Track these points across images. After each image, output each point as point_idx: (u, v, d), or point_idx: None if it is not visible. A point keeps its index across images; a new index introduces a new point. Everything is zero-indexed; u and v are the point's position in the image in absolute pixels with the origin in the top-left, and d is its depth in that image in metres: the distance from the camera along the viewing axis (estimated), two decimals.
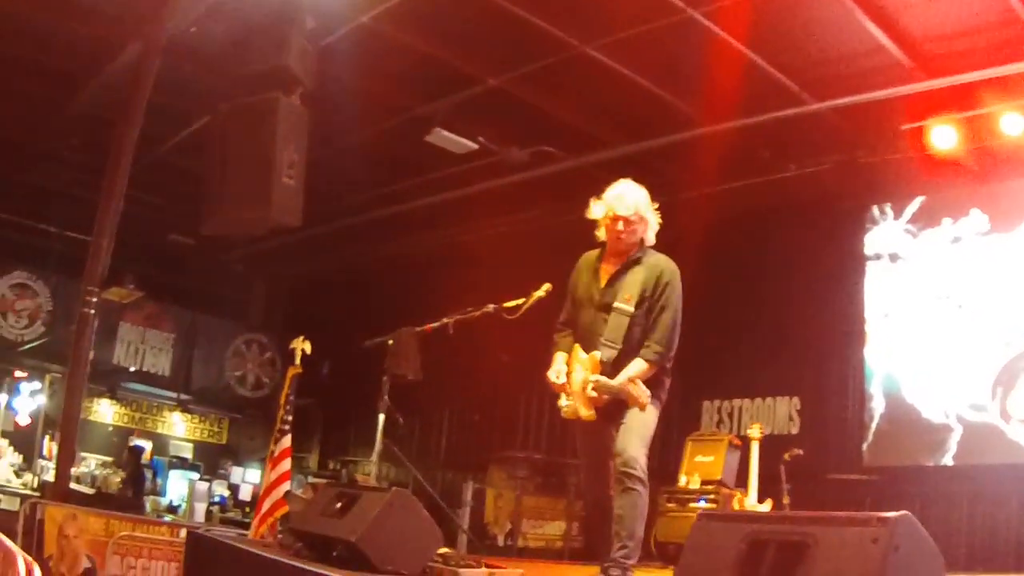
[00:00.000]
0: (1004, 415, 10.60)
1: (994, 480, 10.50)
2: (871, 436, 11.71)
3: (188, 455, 19.83)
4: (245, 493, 18.11)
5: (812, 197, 12.25)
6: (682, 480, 11.49)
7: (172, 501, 17.61)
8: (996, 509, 10.41)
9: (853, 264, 12.33)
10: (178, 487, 18.14)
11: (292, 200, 9.37)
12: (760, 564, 3.83)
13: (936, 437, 11.07)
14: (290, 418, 9.26)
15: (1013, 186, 11.02)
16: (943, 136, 10.67)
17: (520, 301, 7.09)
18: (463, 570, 5.84)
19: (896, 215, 12.00)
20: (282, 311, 21.00)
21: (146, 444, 18.69)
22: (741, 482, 10.98)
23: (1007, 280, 10.83)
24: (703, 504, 10.86)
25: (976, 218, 11.23)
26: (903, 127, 10.94)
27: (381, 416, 8.09)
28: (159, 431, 19.82)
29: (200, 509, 16.26)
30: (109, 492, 15.96)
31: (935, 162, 11.01)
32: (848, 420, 12.08)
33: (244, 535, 9.49)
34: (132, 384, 18.96)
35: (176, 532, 9.48)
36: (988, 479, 10.57)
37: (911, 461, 11.32)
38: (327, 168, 12.86)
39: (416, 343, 8.27)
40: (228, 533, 9.73)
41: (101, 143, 11.28)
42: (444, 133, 12.32)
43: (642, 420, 5.94)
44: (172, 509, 17.07)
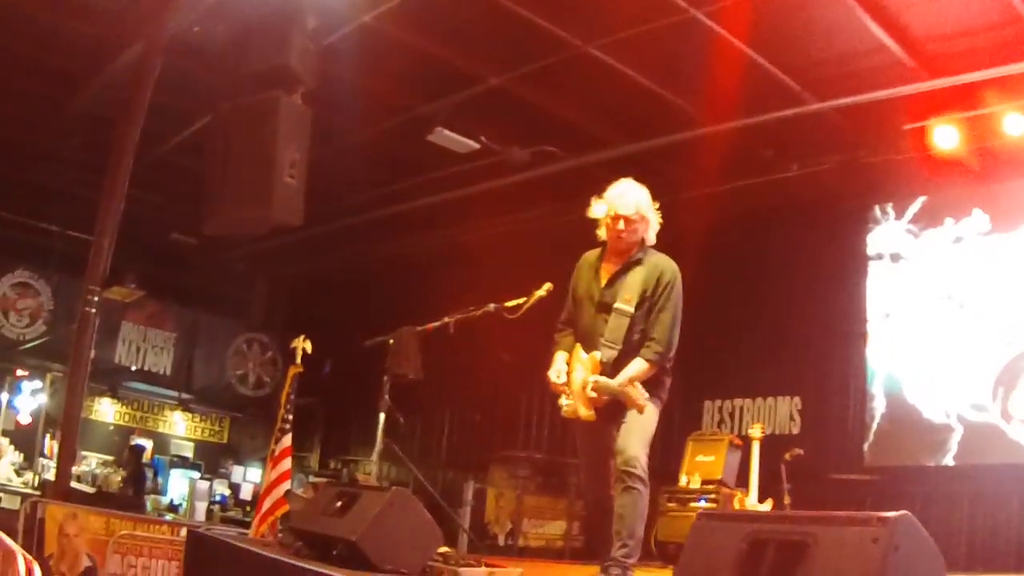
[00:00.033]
0: (1005, 415, 10.59)
1: (995, 480, 10.50)
2: (872, 436, 11.70)
3: (189, 454, 19.85)
4: (246, 492, 18.13)
5: (814, 197, 12.24)
6: (683, 480, 11.50)
7: (173, 500, 17.66)
8: (997, 509, 10.41)
9: (855, 264, 12.32)
10: (179, 486, 18.20)
11: (293, 199, 9.35)
12: (760, 564, 3.83)
13: (937, 437, 11.07)
14: (291, 417, 9.25)
15: (1015, 186, 11.01)
16: (945, 136, 10.67)
17: (521, 300, 7.10)
18: (463, 569, 5.84)
19: (898, 215, 11.99)
20: (283, 310, 21.00)
21: (147, 443, 18.75)
22: (742, 482, 10.98)
23: (1008, 280, 10.82)
24: (704, 504, 10.86)
25: (978, 218, 11.22)
26: (905, 127, 10.93)
27: (382, 415, 8.10)
28: (160, 430, 19.83)
29: (201, 508, 16.31)
30: (110, 491, 15.98)
31: (937, 162, 11.01)
32: (849, 420, 12.08)
33: (245, 534, 9.49)
34: (133, 383, 19.00)
35: (177, 531, 9.49)
36: (989, 479, 10.57)
37: (912, 461, 11.32)
38: (329, 167, 12.86)
39: (417, 342, 8.28)
40: (228, 532, 9.74)
41: (103, 142, 11.29)
42: (446, 132, 12.32)
43: (643, 419, 5.93)
44: (173, 508, 17.12)
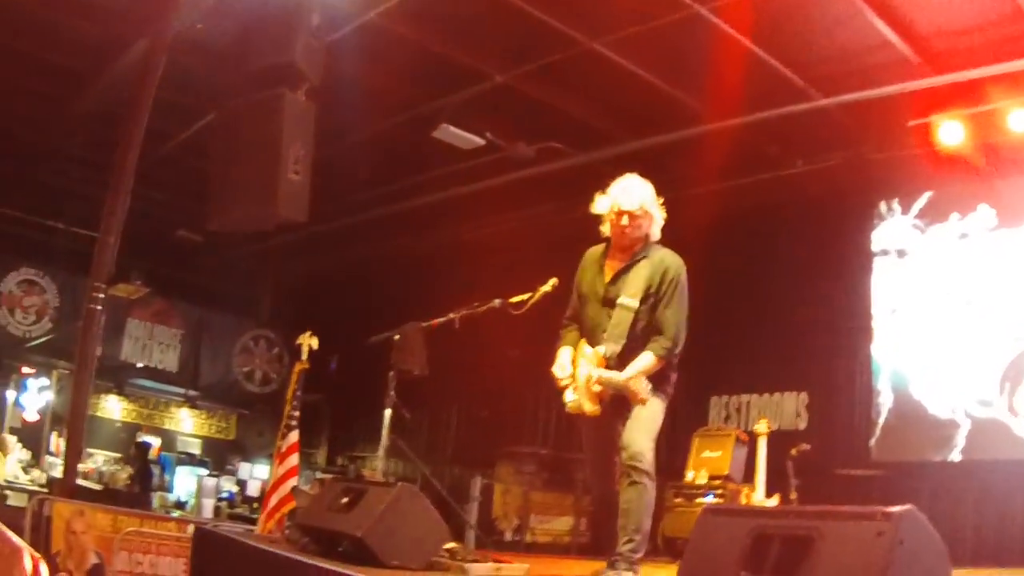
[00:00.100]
0: (1012, 410, 10.58)
1: (1001, 475, 10.49)
2: (878, 431, 11.70)
3: (196, 451, 19.86)
4: (253, 489, 18.15)
5: (819, 193, 12.22)
6: (689, 475, 11.48)
7: (180, 497, 17.69)
8: (1003, 504, 10.40)
9: (860, 260, 12.31)
10: (186, 483, 18.23)
11: (298, 196, 9.36)
12: (765, 558, 3.83)
13: (943, 433, 11.06)
14: (297, 414, 9.29)
15: (1020, 181, 11.00)
16: (950, 132, 10.65)
17: (526, 296, 7.09)
18: (469, 565, 5.84)
19: (903, 211, 11.98)
20: (290, 307, 20.96)
21: (154, 440, 18.76)
22: (749, 478, 10.96)
23: (1015, 275, 10.81)
24: (710, 499, 10.85)
25: (984, 213, 11.21)
26: (910, 123, 10.89)
27: (388, 412, 8.10)
28: (167, 427, 19.85)
29: (208, 505, 16.34)
30: (117, 488, 15.98)
31: (942, 158, 10.98)
32: (855, 415, 12.09)
33: (251, 531, 9.53)
34: (140, 380, 19.01)
35: (184, 528, 9.50)
36: (995, 474, 10.56)
37: (918, 456, 11.32)
38: (334, 164, 12.91)
39: (422, 338, 8.28)
40: (235, 528, 9.78)
41: (108, 140, 11.31)
42: (451, 129, 12.32)
43: (649, 414, 5.94)
44: (180, 505, 17.14)
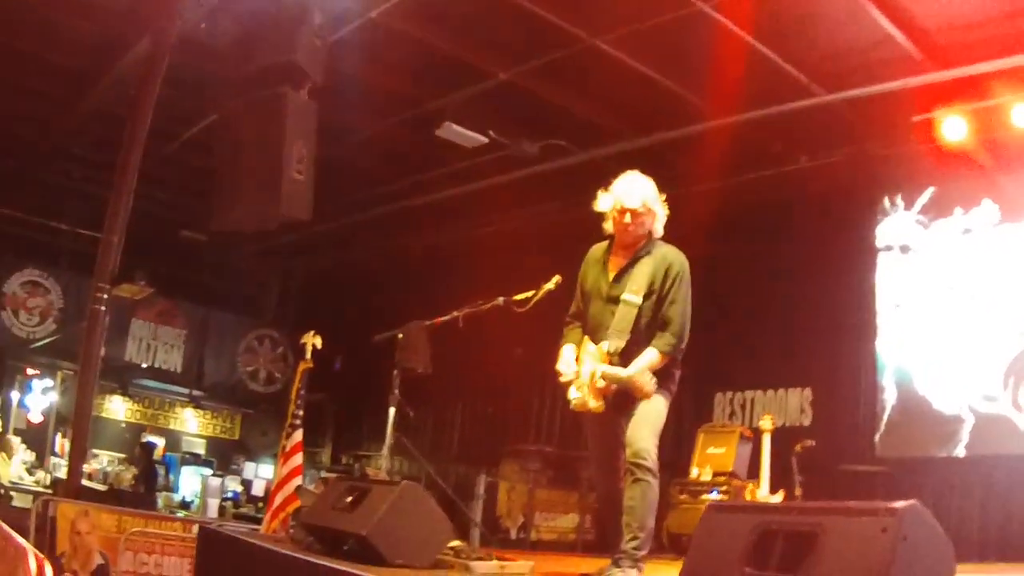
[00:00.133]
0: (1016, 406, 10.57)
1: (1006, 471, 10.48)
2: (883, 427, 11.69)
3: (201, 451, 19.89)
4: (258, 488, 18.17)
5: (822, 189, 12.21)
6: (694, 472, 11.49)
7: (185, 497, 17.69)
8: (1008, 499, 10.39)
9: (864, 255, 12.30)
10: (191, 483, 18.24)
11: (301, 195, 9.35)
12: (769, 554, 3.83)
13: (948, 428, 11.05)
14: (301, 413, 9.29)
15: None
16: (953, 127, 10.62)
17: (530, 294, 7.09)
18: (474, 563, 5.84)
19: (907, 206, 11.97)
20: (294, 306, 21.01)
21: (158, 440, 18.80)
22: (753, 474, 10.96)
23: (1019, 270, 10.79)
24: (715, 496, 10.85)
25: (987, 208, 11.19)
26: (913, 119, 10.87)
27: (392, 410, 8.10)
28: (171, 427, 19.87)
29: (213, 505, 16.32)
30: (121, 488, 15.99)
31: (946, 153, 10.95)
32: (860, 411, 12.08)
33: (256, 530, 9.53)
34: (144, 380, 19.04)
35: (188, 528, 9.52)
36: (1000, 470, 10.55)
37: (923, 452, 11.31)
38: (337, 163, 12.91)
39: (426, 336, 8.29)
40: (239, 528, 9.79)
41: (111, 140, 11.30)
42: (454, 127, 12.30)
43: (653, 411, 5.94)
44: (185, 505, 17.15)
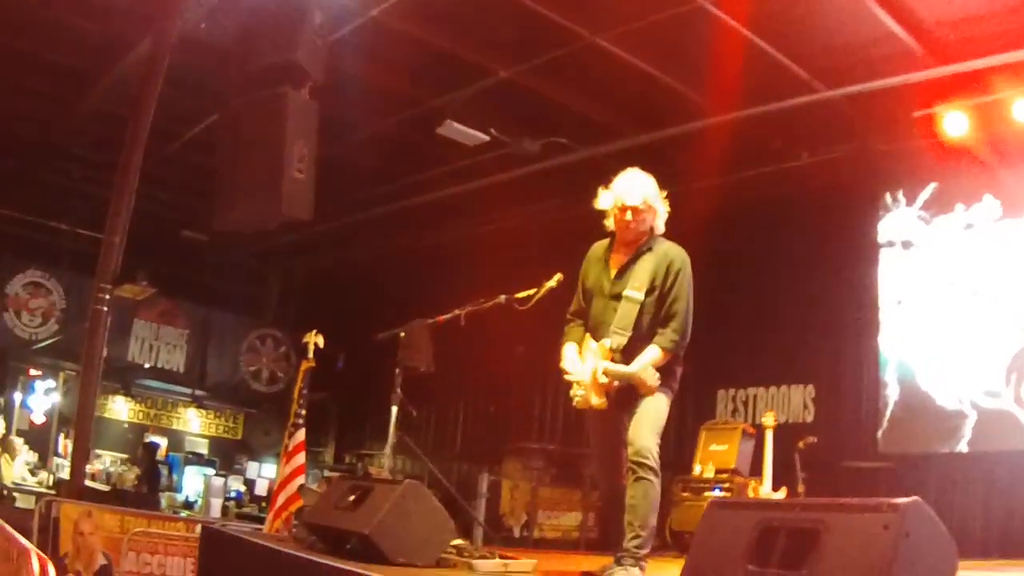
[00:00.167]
0: (1018, 401, 10.57)
1: (1009, 466, 10.48)
2: (885, 423, 11.69)
3: (203, 451, 19.89)
4: (261, 488, 18.19)
5: (824, 185, 12.20)
6: (696, 469, 11.49)
7: (188, 497, 17.71)
8: (1011, 495, 10.38)
9: (866, 251, 12.30)
10: (194, 483, 18.25)
11: (302, 194, 9.34)
12: (771, 551, 3.82)
13: (950, 424, 11.06)
14: (303, 412, 9.27)
15: None
16: (955, 123, 10.62)
17: (531, 292, 7.08)
18: (477, 561, 5.84)
19: (909, 202, 11.97)
20: (296, 305, 21.02)
21: (161, 440, 18.80)
22: (756, 471, 10.97)
23: (1020, 266, 10.79)
24: (718, 493, 10.85)
25: (989, 204, 11.18)
26: (914, 114, 10.88)
27: (394, 409, 8.10)
28: (174, 427, 19.88)
29: (216, 505, 16.34)
30: (124, 489, 16.01)
31: (947, 149, 10.95)
32: (862, 408, 12.08)
33: (259, 530, 9.53)
34: (146, 381, 19.04)
35: (192, 528, 9.52)
36: (1003, 465, 10.55)
37: (925, 448, 11.31)
38: (338, 162, 12.90)
39: (428, 335, 8.28)
40: (242, 528, 9.79)
41: (112, 140, 11.30)
42: (455, 126, 12.30)
43: (654, 409, 5.93)
44: (188, 505, 17.16)
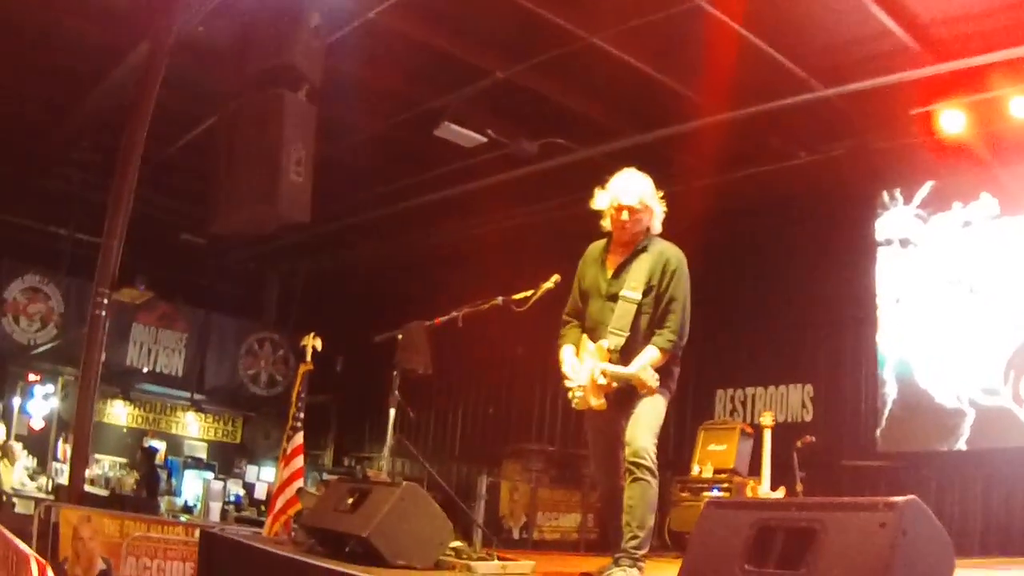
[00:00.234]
0: (1017, 399, 10.57)
1: (1008, 464, 10.49)
2: (884, 422, 11.69)
3: (202, 455, 19.91)
4: (260, 492, 18.18)
5: (822, 183, 12.20)
6: (695, 469, 11.50)
7: (187, 501, 17.70)
8: (1010, 493, 10.40)
9: (864, 250, 12.31)
10: (193, 487, 18.24)
11: (300, 196, 9.34)
12: (768, 551, 3.82)
13: (949, 422, 11.06)
14: (302, 415, 9.25)
15: (1022, 169, 10.97)
16: (952, 120, 10.60)
17: (529, 293, 7.07)
18: (475, 563, 5.84)
19: (906, 200, 11.98)
20: (295, 309, 20.99)
21: (160, 444, 18.81)
22: (755, 470, 10.97)
23: (1018, 264, 10.80)
24: (716, 493, 10.85)
25: (986, 202, 11.19)
26: (911, 112, 10.86)
27: (392, 411, 8.08)
28: (173, 431, 19.90)
29: (215, 508, 16.34)
30: (124, 493, 16.03)
31: (944, 146, 10.94)
32: (861, 406, 12.10)
33: (259, 533, 9.51)
34: (145, 385, 19.04)
35: (191, 532, 9.50)
36: (1002, 463, 10.57)
37: (924, 446, 11.31)
38: (336, 164, 12.89)
39: (426, 336, 8.24)
40: (241, 532, 9.77)
41: (110, 145, 11.31)
42: (452, 127, 12.27)
43: (652, 409, 5.93)
44: (187, 509, 17.15)
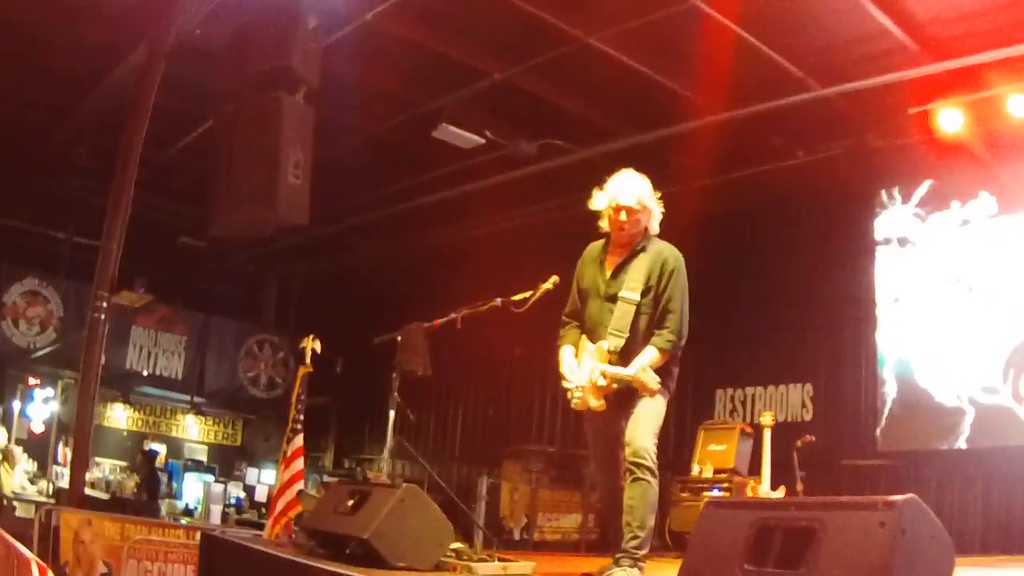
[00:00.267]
0: (1016, 397, 10.57)
1: (1008, 462, 10.49)
2: (884, 421, 11.69)
3: (203, 457, 19.91)
4: (261, 494, 18.19)
5: (820, 183, 12.20)
6: (695, 469, 11.50)
7: (188, 504, 17.70)
8: (1011, 491, 10.39)
9: (862, 249, 12.31)
10: (193, 490, 18.25)
11: (298, 199, 9.35)
12: (768, 550, 3.82)
13: (949, 421, 11.05)
14: (302, 417, 9.26)
15: (1021, 168, 10.97)
16: (950, 119, 10.60)
17: (527, 294, 7.07)
18: (476, 564, 5.84)
19: (905, 199, 11.97)
20: (294, 311, 21.00)
21: (160, 448, 18.81)
22: (755, 470, 10.97)
23: (1017, 262, 10.80)
24: (717, 493, 10.85)
25: (984, 200, 11.20)
26: (910, 111, 10.86)
27: (391, 413, 8.08)
28: (173, 434, 19.89)
29: (216, 511, 16.34)
30: (124, 497, 16.04)
31: (943, 145, 10.94)
32: (861, 405, 12.09)
33: (259, 536, 9.51)
34: (145, 388, 19.03)
35: (192, 535, 9.48)
36: (1001, 461, 10.56)
37: (924, 445, 11.30)
38: (334, 166, 12.88)
39: (424, 338, 8.23)
40: (242, 534, 9.77)
41: (109, 147, 11.30)
42: (450, 128, 12.27)
43: (652, 410, 5.93)
44: (188, 512, 17.16)
